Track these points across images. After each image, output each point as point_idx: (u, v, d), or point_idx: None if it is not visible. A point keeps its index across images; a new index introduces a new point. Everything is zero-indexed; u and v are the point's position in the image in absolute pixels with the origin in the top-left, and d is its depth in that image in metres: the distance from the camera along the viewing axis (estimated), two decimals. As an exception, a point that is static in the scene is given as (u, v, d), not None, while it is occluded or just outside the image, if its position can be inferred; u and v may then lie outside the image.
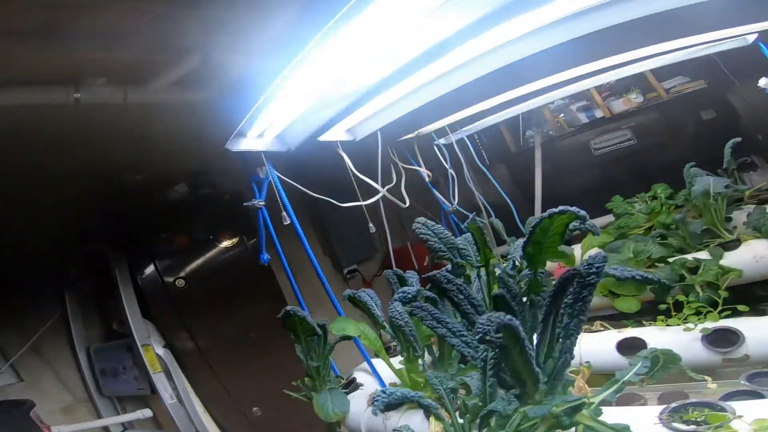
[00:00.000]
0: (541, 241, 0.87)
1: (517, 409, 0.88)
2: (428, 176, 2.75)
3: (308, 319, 1.54)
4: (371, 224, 2.16)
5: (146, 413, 2.70)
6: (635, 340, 1.72)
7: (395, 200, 2.30)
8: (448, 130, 2.94)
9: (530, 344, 0.73)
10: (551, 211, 0.83)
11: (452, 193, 2.91)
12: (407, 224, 3.59)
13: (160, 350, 2.64)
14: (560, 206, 0.80)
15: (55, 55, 1.19)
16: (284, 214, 1.79)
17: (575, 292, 0.75)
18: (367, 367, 1.85)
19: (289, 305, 1.53)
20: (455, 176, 2.95)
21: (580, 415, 0.85)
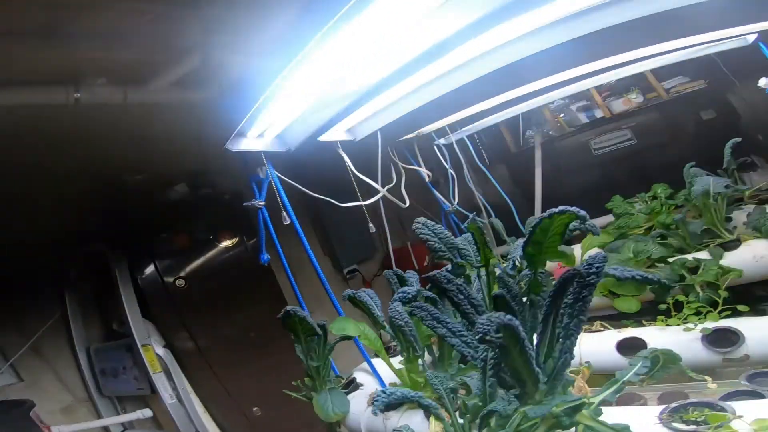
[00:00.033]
0: (541, 241, 0.87)
1: (517, 409, 0.88)
2: (428, 176, 2.75)
3: (308, 319, 1.54)
4: (371, 224, 2.16)
5: (146, 413, 2.70)
6: (635, 340, 1.72)
7: (395, 200, 2.30)
8: (448, 130, 2.94)
9: (530, 344, 0.73)
10: (551, 211, 0.84)
11: (452, 193, 2.91)
12: (407, 224, 3.59)
13: (160, 350, 2.64)
14: (560, 206, 0.81)
15: (55, 55, 1.19)
16: (284, 214, 1.79)
17: (575, 292, 0.75)
18: (367, 367, 1.85)
19: (289, 305, 1.54)
20: (455, 176, 2.95)
21: (580, 415, 0.85)
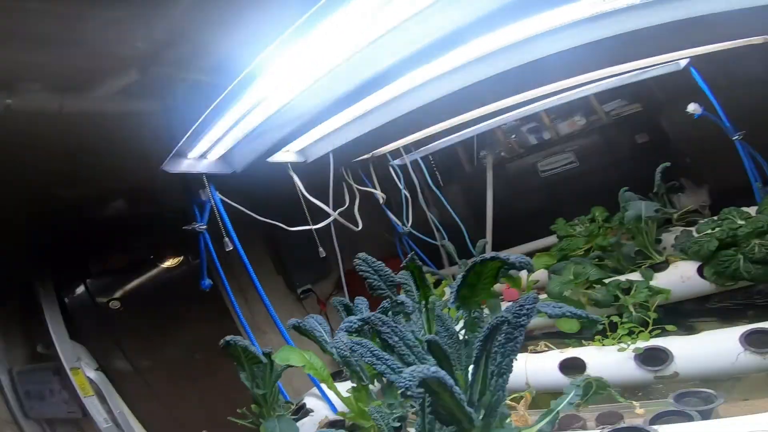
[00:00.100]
0: (474, 283, 0.89)
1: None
2: (383, 198, 2.76)
3: (250, 348, 1.47)
4: (321, 249, 2.12)
5: (79, 437, 2.48)
6: (576, 360, 1.80)
7: (347, 224, 2.27)
8: (402, 151, 2.97)
9: (463, 385, 0.73)
10: (483, 257, 0.86)
11: (406, 214, 2.93)
12: (361, 245, 3.58)
13: (91, 373, 2.46)
14: (492, 253, 0.83)
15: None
16: (227, 240, 1.71)
17: (507, 332, 0.76)
18: (318, 392, 1.80)
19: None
20: (409, 198, 2.97)
21: (517, 447, 0.86)
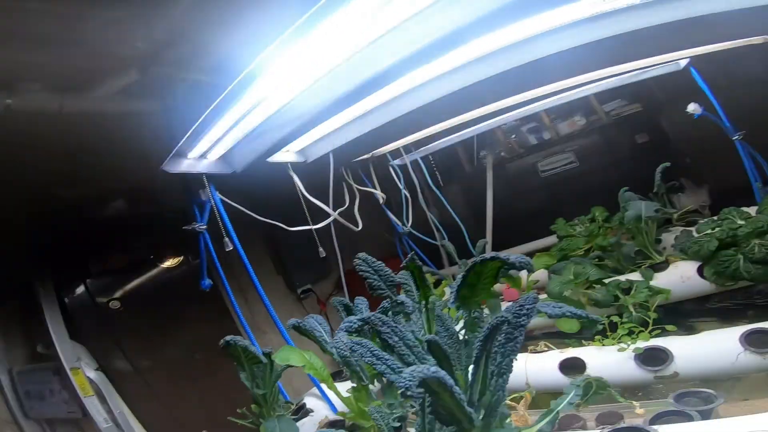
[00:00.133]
0: (474, 283, 0.89)
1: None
2: (383, 198, 2.75)
3: (250, 348, 1.47)
4: (321, 249, 2.12)
5: (79, 436, 2.49)
6: (576, 360, 1.80)
7: (347, 224, 2.27)
8: (402, 151, 2.97)
9: (463, 385, 0.73)
10: (483, 257, 0.86)
11: (406, 214, 2.92)
12: (362, 245, 3.57)
13: (91, 373, 2.46)
14: (492, 253, 0.83)
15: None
16: (227, 240, 1.71)
17: (507, 332, 0.76)
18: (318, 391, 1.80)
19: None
20: (409, 197, 2.97)
21: (517, 447, 0.86)
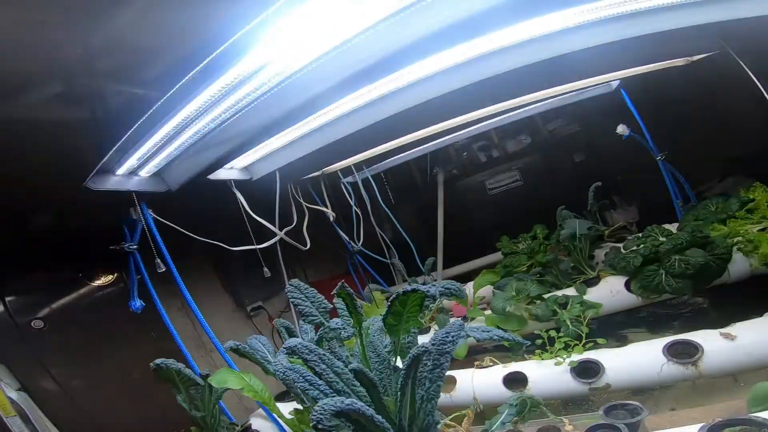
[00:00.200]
0: (400, 312, 0.91)
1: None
2: (332, 216, 2.73)
3: (184, 371, 1.39)
4: (266, 269, 2.06)
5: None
6: (518, 374, 1.87)
7: (294, 243, 2.23)
8: (353, 168, 2.97)
9: (394, 410, 0.73)
10: (405, 288, 0.90)
11: (357, 232, 2.91)
12: (315, 263, 3.50)
13: (12, 393, 2.23)
14: (413, 285, 0.86)
15: None
16: (158, 261, 1.62)
17: (434, 359, 0.78)
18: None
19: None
20: (361, 215, 2.97)
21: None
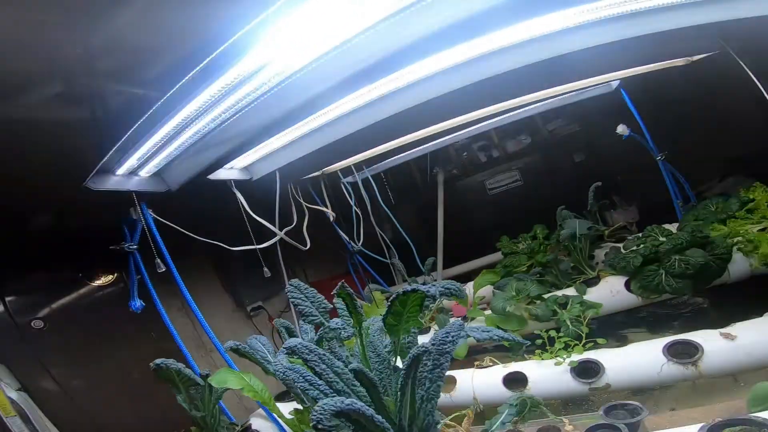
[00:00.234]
0: (400, 312, 0.91)
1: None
2: (332, 216, 2.73)
3: (184, 371, 1.39)
4: (266, 269, 2.06)
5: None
6: (518, 374, 1.87)
7: (294, 243, 2.23)
8: (353, 169, 2.97)
9: (394, 410, 0.73)
10: (405, 289, 0.90)
11: (357, 232, 2.91)
12: (315, 262, 3.50)
13: (12, 393, 2.24)
14: (414, 285, 0.87)
15: None
16: (158, 260, 1.62)
17: (434, 359, 0.78)
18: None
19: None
20: (361, 215, 2.96)
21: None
